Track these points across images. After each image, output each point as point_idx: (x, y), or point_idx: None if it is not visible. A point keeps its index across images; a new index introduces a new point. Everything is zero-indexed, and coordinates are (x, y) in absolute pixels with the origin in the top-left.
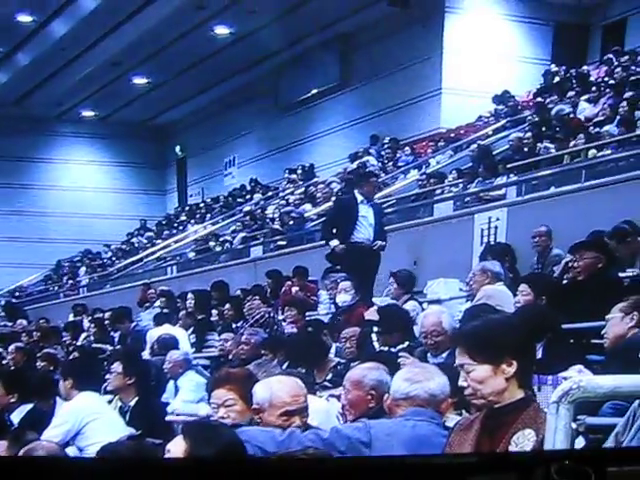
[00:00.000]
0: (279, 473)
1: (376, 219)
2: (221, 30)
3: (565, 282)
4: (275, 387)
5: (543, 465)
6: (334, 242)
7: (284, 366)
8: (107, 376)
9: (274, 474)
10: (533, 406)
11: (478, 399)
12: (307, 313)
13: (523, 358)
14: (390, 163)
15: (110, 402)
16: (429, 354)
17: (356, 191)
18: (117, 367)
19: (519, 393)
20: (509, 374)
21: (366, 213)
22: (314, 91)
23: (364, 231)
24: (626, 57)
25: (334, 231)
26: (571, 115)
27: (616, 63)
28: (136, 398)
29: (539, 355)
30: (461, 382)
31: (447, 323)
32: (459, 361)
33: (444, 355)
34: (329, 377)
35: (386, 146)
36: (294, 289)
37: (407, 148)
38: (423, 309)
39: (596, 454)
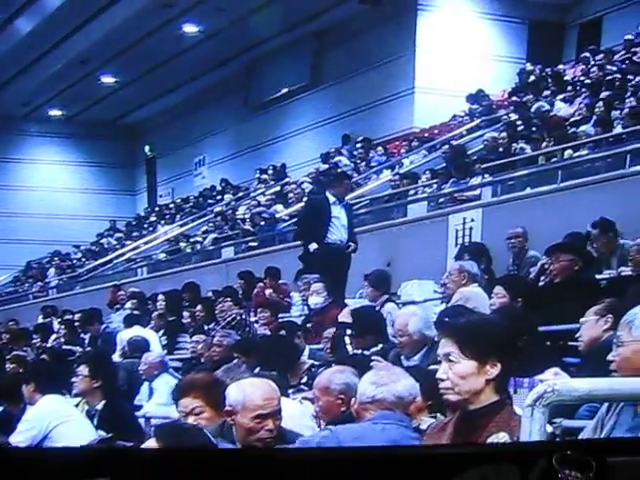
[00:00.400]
0: (272, 465)
1: (348, 220)
2: (190, 28)
3: (541, 284)
4: (248, 390)
5: (545, 455)
6: (313, 245)
7: (256, 369)
8: (73, 379)
9: (262, 466)
10: (507, 409)
11: (454, 395)
12: (280, 315)
13: (507, 362)
14: (363, 163)
15: (77, 405)
16: (402, 357)
17: (328, 191)
18: (83, 370)
19: (494, 397)
20: (491, 375)
21: (338, 214)
22: (285, 90)
23: (337, 232)
24: (602, 56)
25: (308, 232)
26: (551, 113)
27: (592, 62)
28: (103, 401)
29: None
30: (440, 374)
31: (413, 326)
32: (445, 350)
33: (416, 358)
34: (304, 380)
35: (358, 146)
36: (267, 291)
37: (380, 148)
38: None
39: (598, 444)
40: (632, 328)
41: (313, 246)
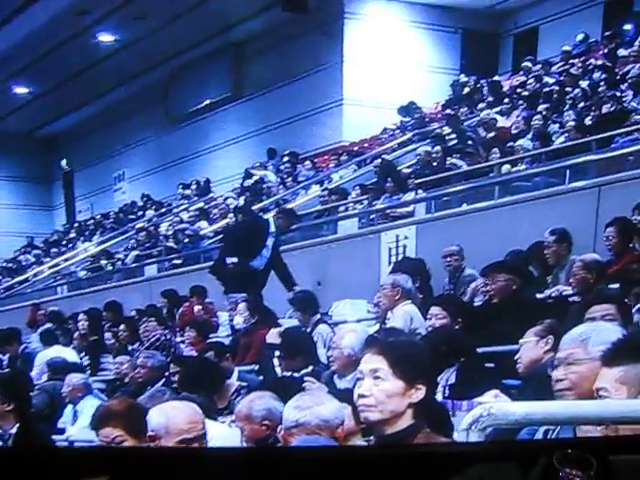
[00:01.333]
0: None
1: (272, 252)
2: (106, 37)
3: (479, 305)
4: (171, 413)
5: (546, 454)
6: (233, 259)
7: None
8: None
9: (262, 465)
10: (423, 432)
11: (377, 413)
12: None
13: (431, 387)
14: (289, 178)
15: None
16: (336, 377)
17: (272, 219)
18: None
19: (411, 421)
20: (414, 399)
21: (269, 243)
22: (207, 102)
23: (260, 259)
24: (539, 67)
25: (235, 247)
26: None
27: (530, 73)
28: (17, 425)
29: (453, 380)
30: (363, 390)
31: (348, 340)
32: (372, 367)
33: (349, 378)
34: (233, 402)
35: (285, 160)
36: (197, 307)
37: (307, 162)
38: (334, 333)
39: (599, 443)
40: (589, 346)
41: (232, 259)
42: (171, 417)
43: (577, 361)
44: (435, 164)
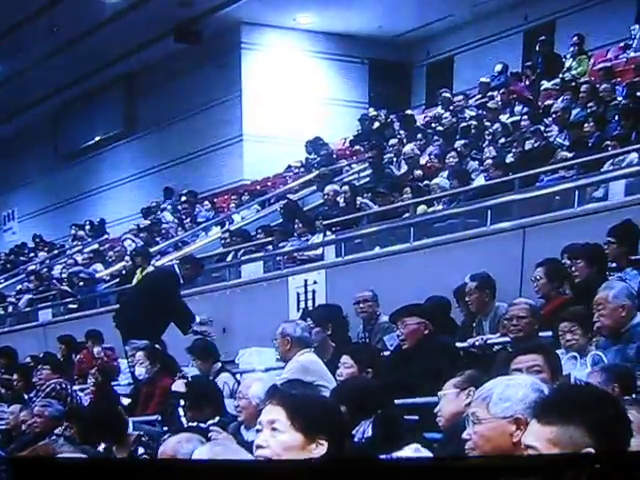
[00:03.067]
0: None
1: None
2: None
3: (390, 352)
4: None
5: (573, 468)
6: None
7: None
8: None
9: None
10: None
11: None
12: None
13: (336, 443)
14: (188, 219)
15: None
16: (243, 427)
17: (177, 267)
18: None
19: None
20: (316, 455)
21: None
22: (98, 138)
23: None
24: (460, 97)
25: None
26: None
27: (445, 107)
28: None
29: (369, 433)
30: (261, 441)
31: (254, 390)
32: (270, 417)
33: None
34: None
35: (183, 199)
36: (96, 349)
37: (207, 202)
38: (238, 381)
39: (626, 459)
40: (489, 404)
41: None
42: None
43: (478, 420)
44: (344, 204)
